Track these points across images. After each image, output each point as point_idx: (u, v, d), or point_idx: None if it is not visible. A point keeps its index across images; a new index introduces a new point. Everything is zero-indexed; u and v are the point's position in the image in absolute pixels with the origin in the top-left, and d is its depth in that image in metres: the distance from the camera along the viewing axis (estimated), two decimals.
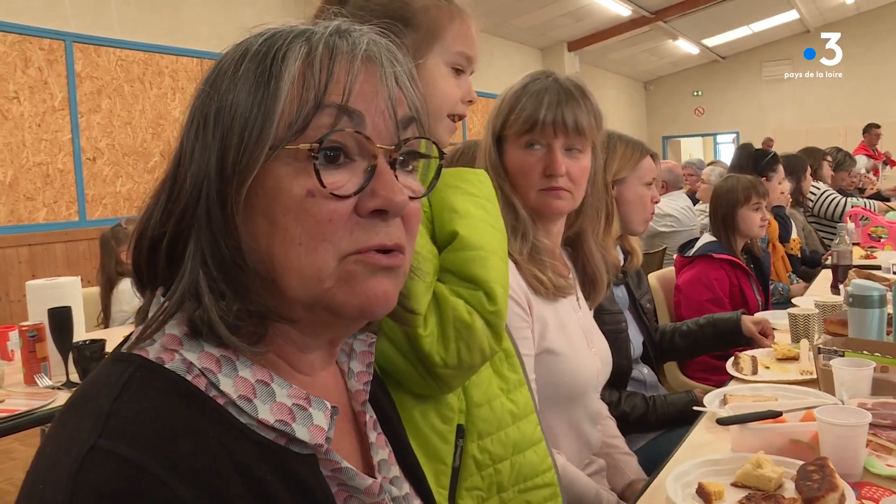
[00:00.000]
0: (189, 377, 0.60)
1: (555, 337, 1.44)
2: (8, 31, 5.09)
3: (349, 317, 0.65)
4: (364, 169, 0.63)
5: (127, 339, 0.65)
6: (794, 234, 4.24)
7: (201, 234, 0.62)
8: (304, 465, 0.62)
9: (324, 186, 0.60)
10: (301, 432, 0.62)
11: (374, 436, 0.76)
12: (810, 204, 5.08)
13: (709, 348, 2.45)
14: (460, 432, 1.13)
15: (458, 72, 1.16)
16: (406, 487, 0.78)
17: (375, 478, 0.70)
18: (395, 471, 0.77)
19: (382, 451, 0.76)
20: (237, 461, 0.57)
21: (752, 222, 3.00)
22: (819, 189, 5.12)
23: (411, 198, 0.66)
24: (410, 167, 0.68)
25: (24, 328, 2.07)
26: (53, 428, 0.59)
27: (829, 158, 5.63)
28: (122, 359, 0.62)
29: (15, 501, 0.56)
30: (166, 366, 0.60)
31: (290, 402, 0.63)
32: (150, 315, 0.64)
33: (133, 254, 0.66)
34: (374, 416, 0.79)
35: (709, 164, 6.88)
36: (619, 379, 1.93)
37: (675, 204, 4.67)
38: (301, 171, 0.61)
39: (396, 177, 0.64)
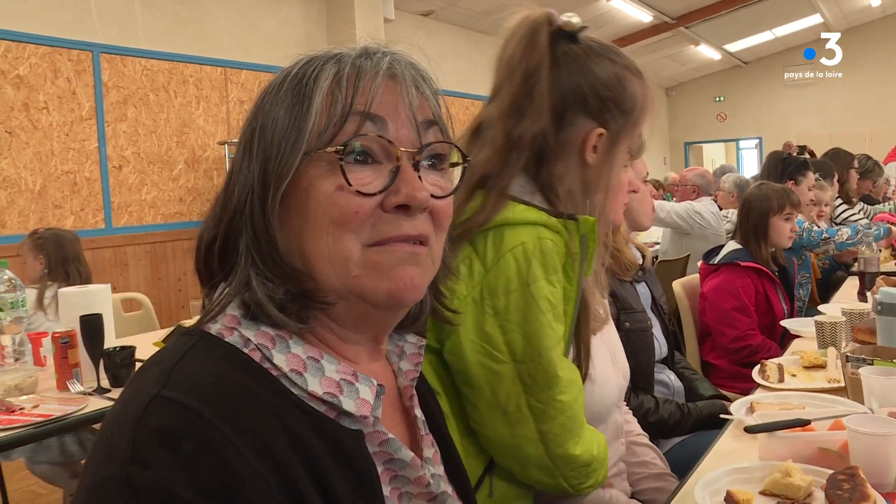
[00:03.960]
0: (245, 350, 0.67)
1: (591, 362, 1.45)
2: (39, 44, 5.19)
3: (380, 304, 0.70)
4: (389, 170, 0.69)
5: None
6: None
7: (247, 235, 0.70)
8: (351, 438, 0.67)
9: (350, 184, 0.67)
10: (348, 404, 0.68)
11: (423, 432, 0.80)
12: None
13: None
14: (490, 466, 1.23)
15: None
16: (448, 488, 0.80)
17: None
18: (439, 470, 0.81)
19: (428, 450, 0.80)
20: (286, 424, 0.62)
21: (783, 232, 2.96)
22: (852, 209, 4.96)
23: (439, 196, 0.72)
24: (440, 167, 0.75)
25: (56, 335, 2.11)
26: (124, 391, 0.66)
27: (857, 165, 5.44)
28: (187, 333, 0.70)
29: (88, 453, 0.63)
30: (226, 339, 0.68)
31: (338, 376, 0.69)
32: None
33: (195, 257, 0.74)
34: (423, 417, 0.83)
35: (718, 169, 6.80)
36: (645, 379, 1.93)
37: (706, 209, 4.67)
38: (331, 171, 0.68)
39: (420, 176, 0.70)
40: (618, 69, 1.21)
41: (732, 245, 3.04)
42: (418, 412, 0.82)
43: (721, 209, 5.19)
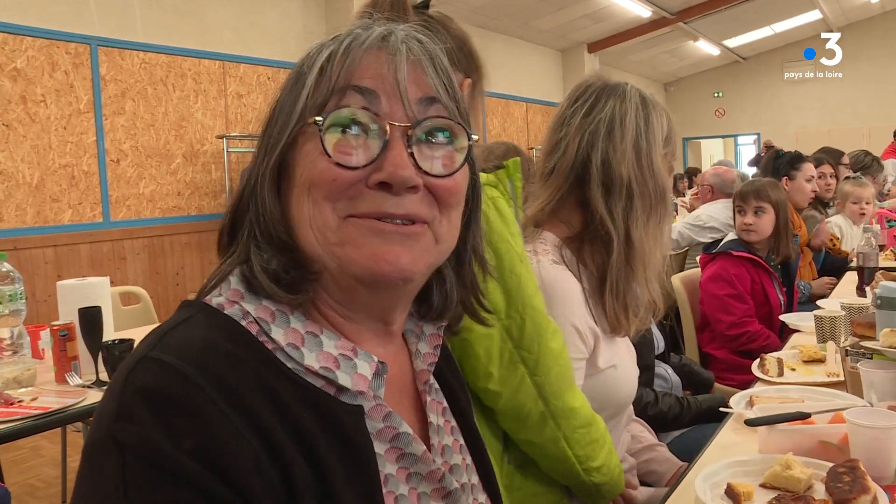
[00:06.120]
0: (243, 322, 0.67)
1: (614, 351, 1.47)
2: (36, 36, 5.18)
3: (362, 280, 0.68)
4: (379, 145, 0.67)
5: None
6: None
7: (252, 210, 0.71)
8: (348, 414, 0.66)
9: (329, 155, 0.66)
10: (343, 378, 0.67)
11: (438, 419, 0.79)
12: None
13: None
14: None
15: None
16: (468, 477, 0.79)
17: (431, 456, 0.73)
18: (458, 459, 0.79)
19: (448, 437, 0.79)
20: (272, 393, 0.62)
21: (738, 224, 3.06)
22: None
23: (441, 175, 0.69)
24: (442, 142, 0.70)
25: (55, 327, 2.10)
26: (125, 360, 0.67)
27: (847, 161, 5.37)
28: (188, 304, 0.71)
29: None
30: (225, 311, 0.68)
31: (336, 352, 0.68)
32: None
33: (218, 239, 0.75)
34: (445, 404, 0.82)
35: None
36: (646, 374, 1.94)
37: (720, 215, 4.16)
38: (319, 139, 0.67)
39: (413, 153, 0.67)
40: (458, 25, 1.28)
41: (731, 236, 3.12)
42: (433, 396, 0.79)
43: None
